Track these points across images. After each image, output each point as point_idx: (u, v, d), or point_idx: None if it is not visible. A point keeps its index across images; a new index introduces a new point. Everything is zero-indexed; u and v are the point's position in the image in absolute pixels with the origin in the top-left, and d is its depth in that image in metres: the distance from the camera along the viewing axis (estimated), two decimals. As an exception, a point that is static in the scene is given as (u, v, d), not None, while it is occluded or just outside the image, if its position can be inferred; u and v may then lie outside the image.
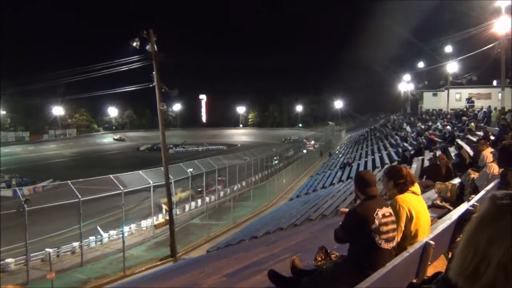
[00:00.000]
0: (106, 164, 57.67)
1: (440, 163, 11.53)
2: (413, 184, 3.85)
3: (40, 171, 51.11)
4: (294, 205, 23.42)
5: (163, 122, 21.04)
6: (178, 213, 26.51)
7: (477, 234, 1.16)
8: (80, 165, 60.73)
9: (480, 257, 1.11)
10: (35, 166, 58.92)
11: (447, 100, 45.14)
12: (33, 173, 48.41)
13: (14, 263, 18.10)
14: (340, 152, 50.58)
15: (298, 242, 7.80)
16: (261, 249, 7.27)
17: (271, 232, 15.22)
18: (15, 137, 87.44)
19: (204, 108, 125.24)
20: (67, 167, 58.64)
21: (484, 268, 1.09)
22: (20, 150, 78.55)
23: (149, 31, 18.93)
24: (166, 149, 21.96)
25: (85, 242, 20.68)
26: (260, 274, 4.77)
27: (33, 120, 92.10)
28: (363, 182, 3.49)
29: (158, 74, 19.43)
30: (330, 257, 3.82)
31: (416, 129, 32.59)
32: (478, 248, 1.13)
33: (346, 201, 17.40)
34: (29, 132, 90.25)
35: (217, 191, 32.71)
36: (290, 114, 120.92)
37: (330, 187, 25.82)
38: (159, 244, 22.00)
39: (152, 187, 24.51)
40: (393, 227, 3.34)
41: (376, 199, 3.39)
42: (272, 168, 43.92)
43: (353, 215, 3.37)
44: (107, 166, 52.95)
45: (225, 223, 25.67)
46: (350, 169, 29.77)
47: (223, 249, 15.05)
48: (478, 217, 1.20)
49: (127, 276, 16.94)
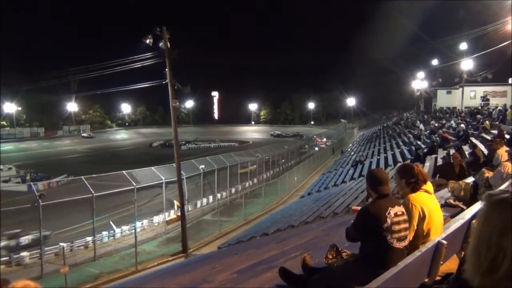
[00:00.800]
0: (119, 160, 58.15)
1: (453, 162, 11.41)
2: (426, 183, 3.81)
3: (54, 167, 51.72)
4: (306, 203, 23.35)
5: (176, 118, 21.15)
6: (190, 209, 26.64)
7: (487, 229, 1.22)
8: (94, 161, 61.33)
9: (495, 250, 1.17)
10: (49, 162, 59.65)
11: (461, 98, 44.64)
12: (48, 169, 49.05)
13: (28, 257, 18.41)
14: (352, 149, 50.29)
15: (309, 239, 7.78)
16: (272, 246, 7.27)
17: (282, 230, 15.20)
18: (30, 132, 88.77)
19: (216, 105, 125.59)
20: (81, 163, 59.22)
21: (500, 260, 1.15)
22: (35, 146, 79.66)
23: (162, 28, 19.01)
24: (178, 146, 22.05)
25: (98, 237, 20.92)
26: (271, 271, 4.78)
27: (48, 116, 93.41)
28: (375, 180, 3.46)
29: (170, 71, 19.50)
30: (341, 255, 3.80)
31: (430, 127, 32.30)
32: (491, 242, 1.19)
33: (357, 199, 17.30)
34: (44, 128, 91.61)
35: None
36: (302, 111, 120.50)
37: (342, 185, 25.70)
38: (170, 240, 22.15)
39: (164, 183, 24.65)
40: (405, 226, 3.31)
41: (388, 197, 3.36)
42: (283, 166, 43.85)
43: (365, 213, 3.35)
44: (120, 162, 53.44)
45: (236, 219, 25.72)
46: (362, 167, 29.59)
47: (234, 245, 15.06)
48: (484, 214, 1.26)
49: (139, 271, 17.10)
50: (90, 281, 16.21)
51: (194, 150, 71.95)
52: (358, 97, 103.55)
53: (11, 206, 20.91)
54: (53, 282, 15.88)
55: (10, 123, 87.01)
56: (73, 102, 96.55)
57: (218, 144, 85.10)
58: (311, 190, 29.33)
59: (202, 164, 29.43)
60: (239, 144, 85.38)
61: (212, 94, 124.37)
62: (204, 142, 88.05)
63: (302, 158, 49.04)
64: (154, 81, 21.51)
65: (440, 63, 56.78)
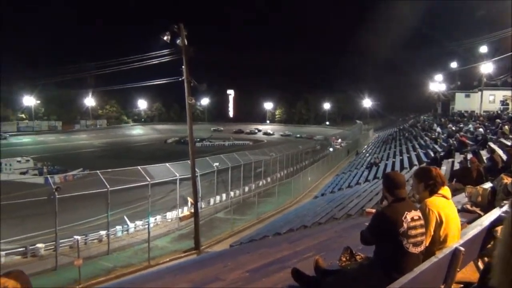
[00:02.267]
0: (134, 155, 58.75)
1: (471, 166, 11.24)
2: (444, 185, 3.74)
3: (70, 160, 52.47)
4: (319, 203, 23.27)
5: (191, 115, 21.24)
6: (203, 207, 26.77)
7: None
8: (109, 156, 61.97)
9: None
10: (66, 155, 60.51)
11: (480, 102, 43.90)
12: (64, 162, 49.77)
13: (44, 249, 18.70)
14: (367, 151, 49.96)
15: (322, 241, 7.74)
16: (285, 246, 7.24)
17: (294, 230, 15.17)
18: (48, 126, 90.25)
19: (231, 103, 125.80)
20: (97, 157, 59.93)
21: None
22: (53, 139, 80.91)
23: (180, 26, 19.09)
24: (193, 143, 22.16)
25: (112, 231, 21.15)
26: (283, 272, 4.76)
27: (65, 110, 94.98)
28: (392, 183, 3.41)
29: (187, 68, 19.62)
30: (355, 258, 3.76)
31: (447, 131, 31.85)
32: None
33: (372, 201, 17.17)
34: (62, 122, 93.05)
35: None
36: (317, 111, 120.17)
37: (356, 187, 25.54)
38: (183, 236, 22.29)
39: (179, 180, 24.82)
40: (422, 231, 3.26)
41: (405, 201, 3.31)
42: (297, 165, 43.73)
43: (380, 217, 3.30)
44: (135, 157, 53.98)
45: (249, 218, 25.76)
46: (377, 169, 29.36)
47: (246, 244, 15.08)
48: (511, 222, 1.24)
49: (152, 266, 17.24)
50: (103, 275, 16.39)
51: (208, 148, 72.30)
52: (375, 98, 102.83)
53: (28, 198, 21.26)
54: (67, 274, 16.12)
55: (29, 116, 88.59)
56: (91, 97, 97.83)
57: (232, 142, 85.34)
58: (325, 191, 29.22)
59: (216, 162, 29.54)
60: (254, 143, 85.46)
61: (228, 92, 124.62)
62: (218, 140, 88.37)
63: (317, 158, 48.88)
64: (170, 78, 21.62)
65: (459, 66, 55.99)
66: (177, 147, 70.84)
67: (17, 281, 2.18)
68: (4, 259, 17.52)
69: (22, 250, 18.57)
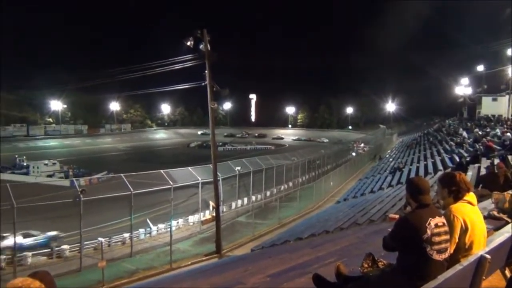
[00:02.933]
0: (157, 159, 59.42)
1: (498, 172, 10.94)
2: (469, 192, 3.66)
3: (95, 163, 53.50)
4: (341, 208, 23.04)
5: (214, 120, 21.35)
6: (225, 211, 26.84)
7: None
8: (133, 159, 63.01)
9: None
10: (91, 159, 61.76)
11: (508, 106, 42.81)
12: (89, 165, 50.81)
13: (69, 250, 19.09)
14: (390, 156, 49.26)
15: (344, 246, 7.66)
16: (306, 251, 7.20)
17: (316, 235, 15.05)
18: (75, 130, 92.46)
19: (253, 107, 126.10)
20: (121, 161, 61.01)
21: None
22: (79, 143, 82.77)
23: (203, 31, 19.25)
24: (215, 147, 22.27)
25: (135, 234, 21.42)
26: (305, 277, 4.73)
27: (91, 114, 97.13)
28: (416, 189, 3.35)
29: (210, 73, 19.74)
30: (377, 264, 3.71)
31: (473, 135, 31.14)
32: None
33: (395, 207, 16.88)
34: (87, 126, 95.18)
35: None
36: (340, 115, 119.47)
37: (379, 192, 25.18)
38: (204, 240, 22.40)
39: (201, 184, 24.99)
40: (446, 238, 3.19)
41: (429, 207, 3.25)
42: (319, 170, 43.48)
43: (404, 223, 3.25)
44: (158, 161, 54.56)
45: (271, 222, 25.70)
46: (400, 174, 28.90)
47: (267, 248, 15.05)
48: None
49: (174, 269, 17.38)
50: (126, 277, 16.60)
51: (230, 152, 72.58)
52: (398, 102, 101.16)
53: (54, 200, 21.72)
54: (91, 276, 16.39)
55: (56, 120, 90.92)
56: (116, 102, 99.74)
57: (254, 146, 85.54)
58: (347, 196, 28.92)
59: (238, 166, 29.62)
60: (275, 147, 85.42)
61: (250, 97, 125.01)
62: (240, 144, 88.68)
63: (339, 163, 48.49)
64: (193, 83, 21.79)
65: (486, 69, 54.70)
66: (200, 151, 71.45)
67: (42, 281, 2.25)
68: (31, 259, 17.93)
69: (48, 251, 18.99)
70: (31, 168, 45.28)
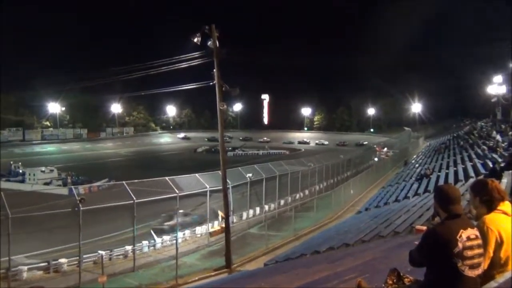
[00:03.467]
0: (162, 165, 59.80)
1: (537, 179, 10.80)
2: (503, 201, 3.61)
3: (95, 170, 53.99)
4: (363, 219, 22.94)
5: (223, 122, 21.37)
6: (235, 221, 26.83)
7: None
8: (136, 165, 63.50)
9: None
10: (91, 165, 62.36)
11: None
12: (89, 172, 51.24)
13: (67, 264, 19.16)
14: (416, 161, 48.90)
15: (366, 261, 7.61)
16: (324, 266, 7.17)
17: (335, 248, 15.00)
18: (73, 134, 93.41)
19: (266, 108, 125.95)
20: (123, 167, 61.51)
21: None
22: (78, 148, 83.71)
23: (211, 26, 19.29)
24: (225, 152, 22.30)
25: (138, 246, 21.46)
26: (322, 294, 4.70)
27: (91, 117, 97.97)
28: (446, 198, 3.31)
29: (218, 72, 19.76)
30: (403, 281, 3.68)
31: (508, 138, 30.81)
32: None
33: (422, 218, 16.74)
34: (87, 130, 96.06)
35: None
36: (360, 117, 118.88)
37: (404, 201, 25.01)
38: (213, 253, 22.39)
39: (209, 192, 24.98)
40: (479, 252, 3.15)
41: (460, 218, 3.21)
42: (338, 177, 43.28)
43: (432, 235, 3.21)
44: (163, 167, 54.89)
45: (285, 234, 25.60)
46: (428, 182, 28.65)
47: (282, 263, 15.02)
48: None
49: (180, 285, 17.41)
50: (128, 293, 16.67)
51: (241, 157, 72.74)
52: (425, 102, 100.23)
53: (51, 210, 21.92)
54: (91, 292, 16.49)
55: (54, 123, 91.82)
56: (117, 103, 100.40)
57: (267, 151, 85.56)
58: (369, 205, 28.77)
59: (250, 173, 29.56)
60: (290, 152, 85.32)
61: (262, 97, 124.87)
62: (252, 148, 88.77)
63: (360, 169, 48.22)
64: (201, 82, 21.85)
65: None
66: (208, 157, 71.67)
67: None
68: (27, 274, 18.09)
69: (45, 265, 19.09)
70: (27, 175, 45.80)
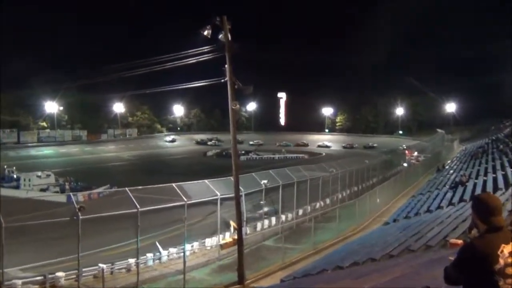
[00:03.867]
0: (169, 170, 60.13)
1: None
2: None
3: (96, 175, 54.56)
4: (390, 231, 22.80)
5: (235, 123, 21.31)
6: (248, 232, 26.85)
7: None
8: (140, 170, 63.92)
9: None
10: (91, 170, 63.00)
11: None
12: (89, 177, 51.78)
13: (64, 278, 19.27)
14: (451, 167, 48.46)
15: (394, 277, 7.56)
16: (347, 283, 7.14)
17: (360, 263, 14.92)
18: (72, 136, 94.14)
19: (283, 108, 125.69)
20: (126, 172, 62.01)
21: None
22: (77, 151, 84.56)
23: (222, 18, 19.26)
24: (237, 155, 22.29)
25: (142, 259, 21.47)
26: (346, 315, 4.68)
27: (91, 118, 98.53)
28: (485, 208, 3.27)
29: (230, 67, 19.67)
30: (436, 301, 3.64)
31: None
32: None
33: (457, 230, 16.57)
34: (87, 131, 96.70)
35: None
36: (387, 118, 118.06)
37: (437, 211, 24.81)
38: (224, 267, 22.39)
39: (220, 200, 24.98)
40: (524, 269, 3.10)
41: (502, 231, 3.17)
42: (363, 184, 43.07)
43: (470, 250, 3.18)
44: (170, 172, 55.19)
45: (304, 247, 25.53)
46: (463, 190, 28.37)
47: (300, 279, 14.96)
48: None
49: (187, 302, 17.44)
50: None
51: (255, 162, 72.85)
52: (460, 102, 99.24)
53: (48, 219, 22.11)
54: (90, 309, 16.60)
55: (51, 124, 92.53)
56: (120, 103, 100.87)
57: (284, 155, 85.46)
58: (398, 216, 28.58)
59: (265, 179, 29.50)
60: (310, 156, 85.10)
61: (279, 96, 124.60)
62: (267, 152, 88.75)
63: (387, 176, 47.92)
64: (211, 80, 21.84)
65: None
66: (218, 161, 71.88)
67: None
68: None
69: (41, 278, 19.21)
70: (22, 180, 46.36)
